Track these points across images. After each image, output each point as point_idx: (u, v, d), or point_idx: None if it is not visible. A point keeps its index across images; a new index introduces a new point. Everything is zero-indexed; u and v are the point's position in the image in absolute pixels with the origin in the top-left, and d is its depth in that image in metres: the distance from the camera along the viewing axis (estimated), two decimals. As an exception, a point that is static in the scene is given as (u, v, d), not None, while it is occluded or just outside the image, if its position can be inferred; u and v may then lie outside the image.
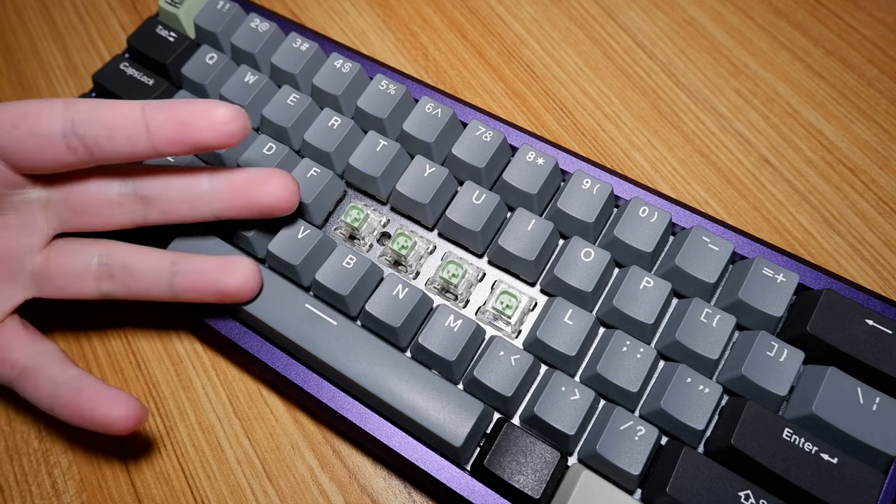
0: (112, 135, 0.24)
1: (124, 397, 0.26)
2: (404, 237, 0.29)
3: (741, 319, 0.26)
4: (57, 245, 0.27)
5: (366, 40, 0.39)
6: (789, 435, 0.23)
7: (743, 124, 0.35)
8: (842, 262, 0.31)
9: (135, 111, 0.24)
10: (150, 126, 0.24)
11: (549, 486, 0.24)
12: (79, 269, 0.27)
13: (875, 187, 0.33)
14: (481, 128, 0.30)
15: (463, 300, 0.28)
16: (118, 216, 0.27)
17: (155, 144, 0.25)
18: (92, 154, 0.25)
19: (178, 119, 0.24)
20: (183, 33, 0.35)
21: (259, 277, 0.27)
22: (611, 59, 0.37)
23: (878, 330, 0.24)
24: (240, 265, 0.26)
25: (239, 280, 0.26)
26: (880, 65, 0.36)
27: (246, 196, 0.26)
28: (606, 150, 0.35)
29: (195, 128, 0.24)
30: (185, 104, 0.25)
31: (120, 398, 0.26)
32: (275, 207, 0.26)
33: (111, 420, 0.25)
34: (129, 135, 0.24)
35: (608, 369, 0.25)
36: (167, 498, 0.28)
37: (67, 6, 0.42)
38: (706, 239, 0.27)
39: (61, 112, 0.24)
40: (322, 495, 0.28)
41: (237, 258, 0.27)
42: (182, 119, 0.24)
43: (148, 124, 0.24)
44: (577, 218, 0.28)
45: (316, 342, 0.26)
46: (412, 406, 0.25)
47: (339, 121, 0.31)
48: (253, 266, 0.27)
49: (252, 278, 0.26)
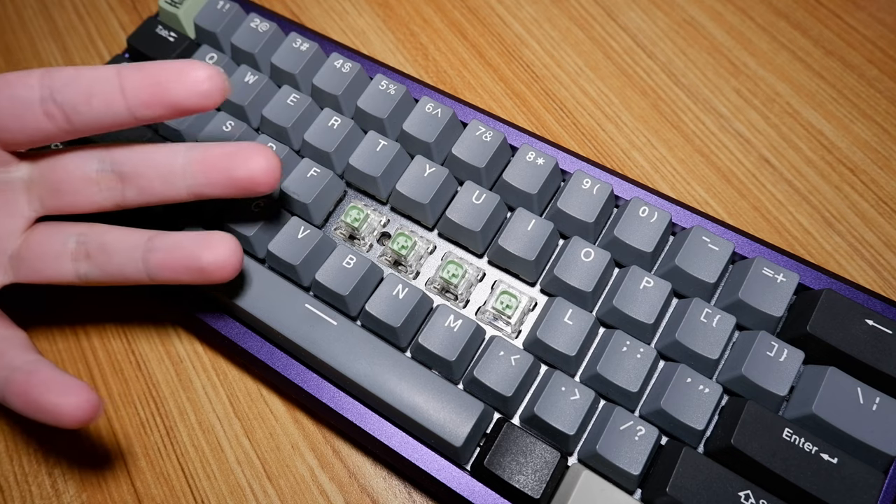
0: (89, 100, 0.24)
1: (79, 386, 0.23)
2: (404, 237, 0.29)
3: (741, 319, 0.26)
4: (36, 228, 0.27)
5: (366, 40, 0.39)
6: (789, 435, 0.23)
7: (743, 124, 0.35)
8: (842, 262, 0.31)
9: (110, 73, 0.24)
10: (126, 87, 0.24)
11: (549, 486, 0.24)
12: (56, 250, 0.26)
13: (875, 187, 0.33)
14: (481, 128, 0.30)
15: (463, 300, 0.28)
16: (96, 195, 0.26)
17: (131, 107, 0.24)
18: (70, 121, 0.24)
19: (153, 79, 0.24)
20: (183, 33, 0.35)
21: (240, 255, 0.25)
22: (611, 59, 0.37)
23: (878, 330, 0.24)
24: (220, 241, 0.24)
25: (218, 256, 0.24)
26: (880, 65, 0.36)
27: (223, 169, 0.25)
28: (606, 150, 0.35)
29: (170, 88, 0.24)
30: (160, 64, 0.24)
31: (73, 386, 0.23)
32: (254, 182, 0.25)
33: (60, 409, 0.23)
34: (105, 99, 0.24)
35: (608, 369, 0.25)
36: (167, 498, 0.28)
37: (67, 6, 0.42)
38: (706, 239, 0.27)
39: (38, 78, 0.24)
40: (322, 495, 0.28)
41: (217, 233, 0.25)
42: (157, 79, 0.24)
43: (123, 85, 0.24)
44: (577, 218, 0.28)
45: (316, 342, 0.26)
46: (412, 406, 0.25)
47: (339, 121, 0.31)
48: (233, 242, 0.25)
49: (232, 255, 0.24)
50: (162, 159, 0.25)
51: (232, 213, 0.29)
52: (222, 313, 0.29)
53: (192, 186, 0.25)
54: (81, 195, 0.26)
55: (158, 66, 0.24)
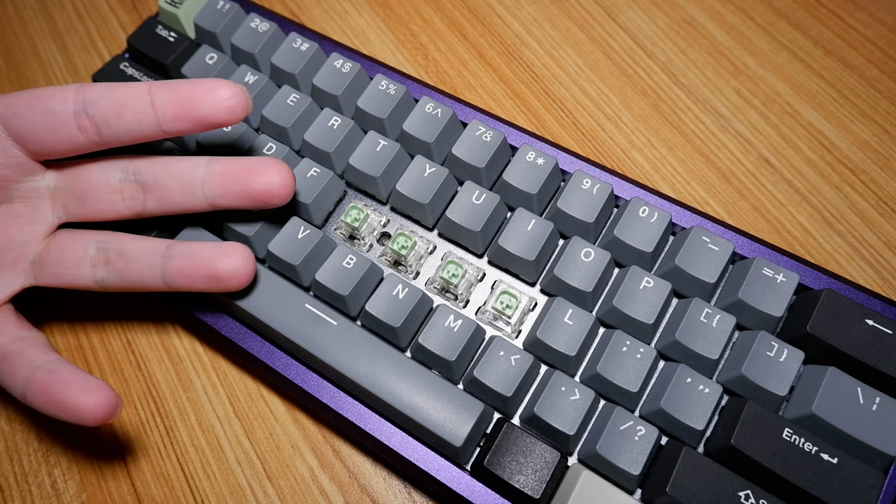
0: (120, 112, 0.25)
1: (99, 385, 0.25)
2: (404, 237, 0.29)
3: (741, 319, 0.26)
4: (58, 234, 0.28)
5: (366, 40, 0.39)
6: (789, 435, 0.23)
7: (743, 124, 0.35)
8: (842, 262, 0.31)
9: (141, 89, 0.26)
10: (156, 103, 0.25)
11: (549, 486, 0.24)
12: (77, 256, 0.27)
13: (875, 187, 0.33)
14: (481, 128, 0.30)
15: (463, 300, 0.28)
16: (119, 204, 0.27)
17: (160, 121, 0.25)
18: (101, 133, 0.26)
19: (182, 95, 0.25)
20: (183, 33, 0.35)
21: (253, 265, 0.26)
22: (611, 59, 0.37)
23: (878, 330, 0.24)
24: (234, 250, 0.26)
25: (233, 264, 0.26)
26: (880, 65, 0.36)
27: (240, 183, 0.26)
28: (606, 150, 0.35)
29: (198, 104, 0.25)
30: (189, 82, 0.26)
31: (94, 385, 0.24)
32: (269, 195, 0.26)
33: (82, 407, 0.24)
34: (136, 112, 0.25)
35: (608, 369, 0.25)
36: (167, 498, 0.28)
37: (67, 6, 0.42)
38: (706, 239, 0.27)
39: (73, 93, 0.26)
40: (322, 495, 0.28)
41: (232, 244, 0.26)
42: (186, 95, 0.25)
43: (153, 101, 0.25)
44: (577, 218, 0.28)
45: (316, 342, 0.26)
46: (412, 406, 0.25)
47: (339, 121, 0.31)
48: (248, 252, 0.26)
49: (246, 264, 0.26)
50: (183, 171, 0.27)
51: (232, 213, 0.29)
52: (222, 313, 0.29)
53: (211, 197, 0.27)
54: (104, 203, 0.27)
55: (187, 83, 0.26)
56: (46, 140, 0.26)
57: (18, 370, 0.25)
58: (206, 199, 0.27)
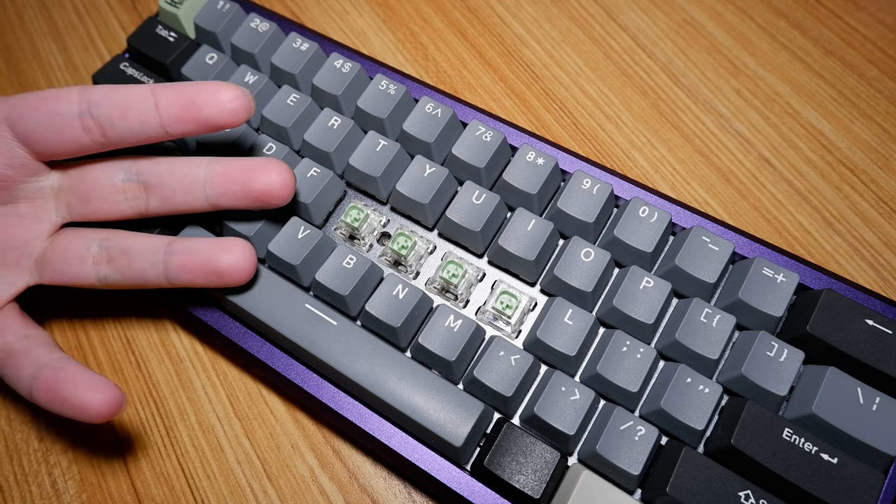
0: (125, 114, 0.26)
1: (105, 383, 0.25)
2: (404, 237, 0.29)
3: (741, 319, 0.26)
4: (61, 233, 0.28)
5: (366, 40, 0.39)
6: (789, 435, 0.23)
7: (743, 124, 0.35)
8: (842, 262, 0.31)
9: (145, 91, 0.26)
10: (160, 104, 0.26)
11: (549, 486, 0.24)
12: (80, 254, 0.27)
13: (875, 187, 0.33)
14: (481, 128, 0.30)
15: (463, 300, 0.28)
16: (122, 203, 0.27)
17: (164, 122, 0.26)
18: (105, 134, 0.26)
19: (185, 98, 0.26)
20: (183, 33, 0.35)
21: (254, 261, 0.27)
22: (611, 59, 0.37)
23: (878, 330, 0.24)
24: (235, 245, 0.26)
25: (234, 259, 0.26)
26: (880, 65, 0.36)
27: (241, 182, 0.26)
28: (606, 150, 0.35)
29: (201, 106, 0.25)
30: (192, 84, 0.26)
31: (100, 383, 0.25)
32: (270, 195, 0.26)
33: (87, 404, 0.24)
34: (140, 113, 0.26)
35: (608, 369, 0.25)
36: (167, 498, 0.28)
37: (67, 6, 0.42)
38: (706, 239, 0.27)
39: (78, 94, 0.26)
40: (322, 495, 0.28)
41: (233, 239, 0.27)
42: (189, 97, 0.26)
43: (157, 103, 0.26)
44: (577, 218, 0.28)
45: (316, 342, 0.26)
46: (412, 406, 0.25)
47: (339, 121, 0.31)
48: (249, 248, 0.26)
49: (247, 259, 0.26)
50: (185, 171, 0.27)
51: (233, 213, 0.29)
52: (223, 313, 0.29)
53: (212, 197, 0.27)
54: (108, 203, 0.28)
55: (190, 86, 0.26)
56: (51, 141, 0.26)
57: (24, 368, 0.26)
58: (208, 199, 0.27)
